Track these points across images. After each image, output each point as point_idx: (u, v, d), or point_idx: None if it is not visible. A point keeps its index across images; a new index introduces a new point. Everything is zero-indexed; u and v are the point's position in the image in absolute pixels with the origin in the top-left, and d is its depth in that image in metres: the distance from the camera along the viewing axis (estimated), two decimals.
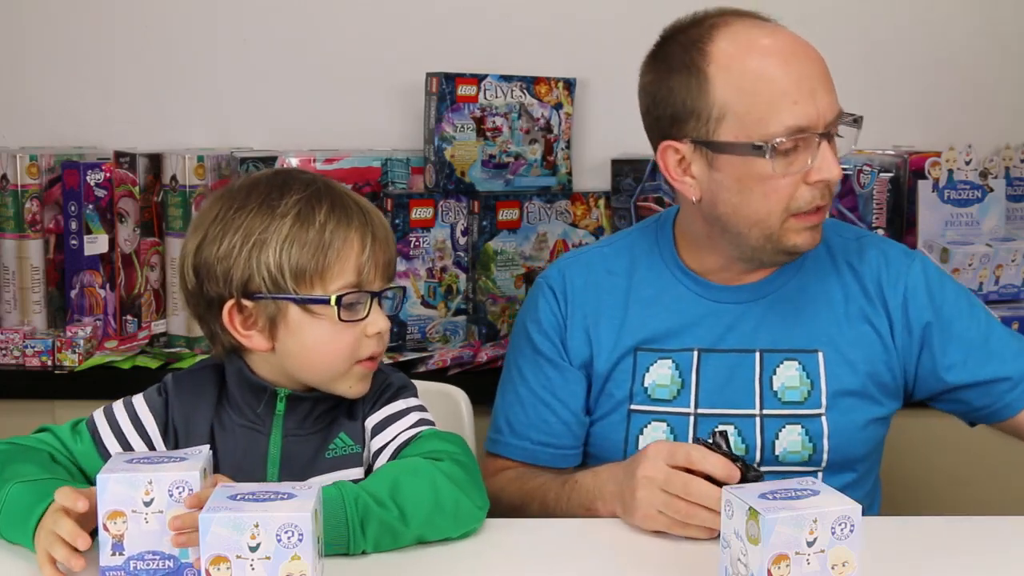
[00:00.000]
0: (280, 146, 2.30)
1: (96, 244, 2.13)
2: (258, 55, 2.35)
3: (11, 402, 2.06)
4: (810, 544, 1.10)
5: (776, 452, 1.52)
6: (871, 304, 1.56)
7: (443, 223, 2.19)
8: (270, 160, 2.17)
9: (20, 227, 2.16)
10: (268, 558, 1.09)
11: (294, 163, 2.17)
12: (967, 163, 2.25)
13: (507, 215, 2.21)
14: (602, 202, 2.29)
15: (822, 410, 1.52)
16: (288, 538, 1.09)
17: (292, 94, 2.35)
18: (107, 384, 2.00)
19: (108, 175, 2.13)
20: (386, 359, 1.95)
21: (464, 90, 2.19)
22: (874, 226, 2.22)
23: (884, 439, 1.61)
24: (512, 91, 2.23)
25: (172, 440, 1.39)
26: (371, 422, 1.40)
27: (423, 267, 2.18)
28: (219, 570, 1.09)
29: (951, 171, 2.24)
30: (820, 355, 1.53)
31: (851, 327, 1.55)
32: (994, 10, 2.41)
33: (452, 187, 2.20)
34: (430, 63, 2.24)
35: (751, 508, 1.10)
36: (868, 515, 1.24)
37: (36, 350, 2.08)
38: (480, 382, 2.03)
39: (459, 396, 1.79)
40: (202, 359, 1.49)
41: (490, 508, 1.37)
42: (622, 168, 2.29)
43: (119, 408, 1.40)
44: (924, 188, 2.24)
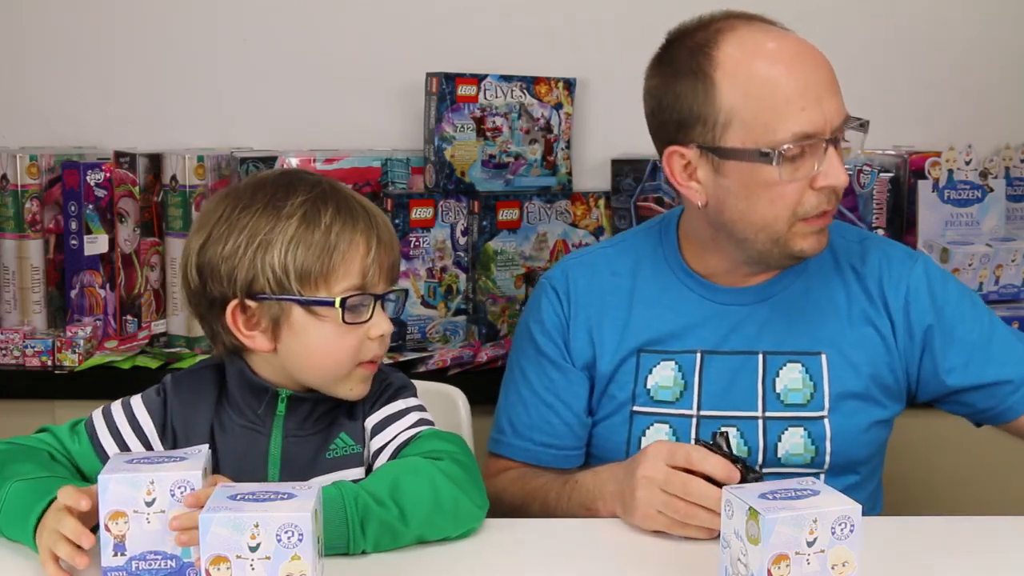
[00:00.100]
0: (280, 146, 2.30)
1: (96, 244, 2.13)
2: (258, 55, 2.35)
3: (11, 402, 2.05)
4: (810, 544, 1.10)
5: (779, 454, 1.52)
6: (873, 306, 1.56)
7: (443, 223, 2.19)
8: (270, 160, 2.17)
9: (20, 227, 2.16)
10: (268, 558, 1.09)
11: (294, 163, 2.17)
12: (967, 163, 2.25)
13: (507, 215, 2.21)
14: (602, 202, 2.29)
15: (825, 412, 1.52)
16: (288, 538, 1.09)
17: (292, 94, 2.35)
18: (107, 384, 2.00)
19: (108, 175, 2.12)
20: (386, 359, 1.94)
21: (464, 90, 2.19)
22: (874, 226, 2.22)
23: (887, 441, 1.61)
24: (512, 91, 2.23)
25: (171, 441, 1.39)
26: (371, 422, 1.40)
27: (423, 267, 2.18)
28: (219, 570, 1.09)
29: (951, 171, 2.24)
30: (823, 357, 1.53)
31: (854, 330, 1.55)
32: (994, 10, 2.41)
33: (452, 187, 2.20)
34: (430, 63, 2.24)
35: (751, 508, 1.10)
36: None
37: (36, 350, 2.08)
38: (480, 382, 2.04)
39: (457, 396, 1.79)
40: (201, 359, 1.49)
41: (491, 508, 1.37)
42: (622, 168, 2.28)
43: (117, 409, 1.40)
44: (924, 188, 2.24)
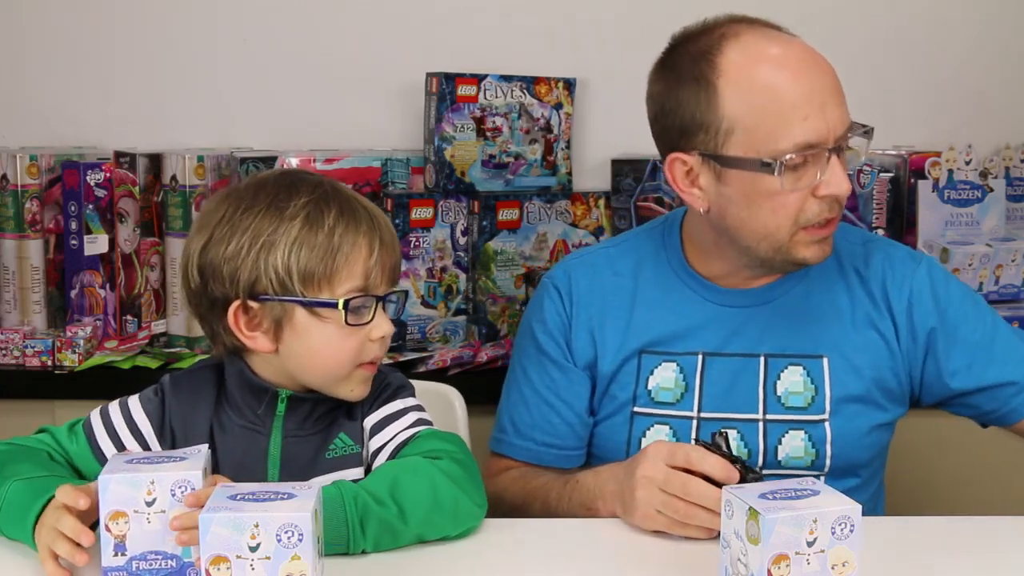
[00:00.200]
0: (280, 146, 2.30)
1: (96, 244, 2.13)
2: (258, 55, 2.34)
3: (11, 402, 2.05)
4: (810, 544, 1.10)
5: (779, 457, 1.52)
6: (877, 309, 1.55)
7: (443, 223, 2.19)
8: (270, 160, 2.17)
9: (20, 227, 2.16)
10: (268, 558, 1.09)
11: (294, 163, 2.17)
12: (967, 163, 2.25)
13: (507, 215, 2.21)
14: (602, 202, 2.29)
15: (825, 416, 1.52)
16: (288, 538, 1.09)
17: (292, 94, 2.35)
18: (107, 384, 1.99)
19: (108, 175, 2.12)
20: (386, 359, 1.94)
21: (464, 90, 2.19)
22: (874, 226, 2.22)
23: (889, 444, 1.60)
24: (512, 91, 2.23)
25: (169, 441, 1.39)
26: (369, 422, 1.40)
27: (423, 267, 2.18)
28: (219, 570, 1.09)
29: (951, 171, 2.24)
30: (825, 361, 1.53)
31: (857, 333, 1.54)
32: (994, 10, 2.41)
33: (452, 187, 2.20)
34: (430, 63, 2.23)
35: (751, 508, 1.10)
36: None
37: (36, 350, 2.08)
38: (480, 382, 2.04)
39: (454, 396, 1.79)
40: (200, 360, 1.49)
41: (493, 508, 1.37)
42: (622, 168, 2.28)
43: (114, 409, 1.40)
44: (924, 188, 2.24)
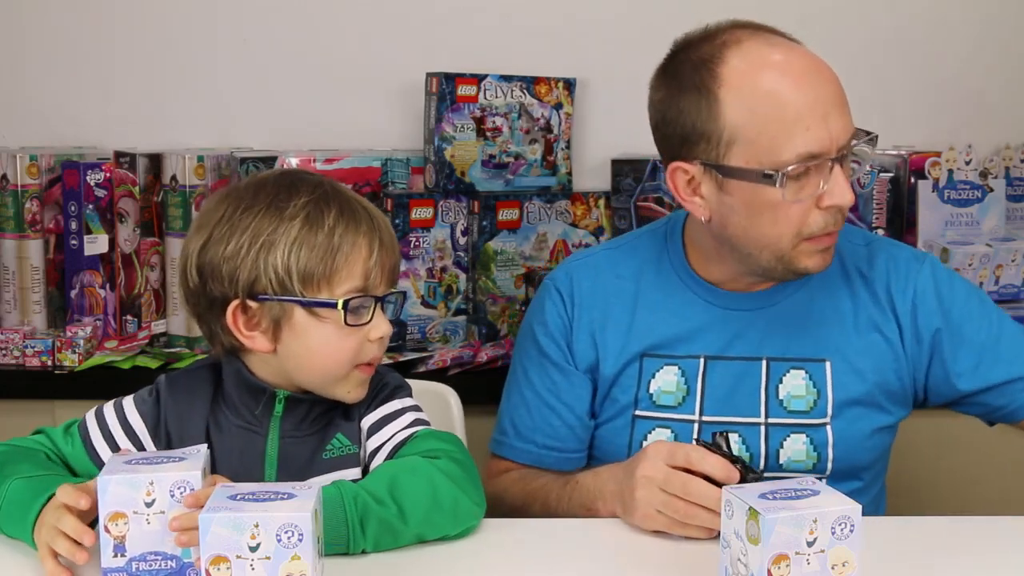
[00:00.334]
0: (280, 146, 2.30)
1: (96, 244, 2.13)
2: (258, 55, 2.34)
3: (11, 402, 2.05)
4: (810, 544, 1.10)
5: (780, 461, 1.52)
6: (881, 311, 1.54)
7: (443, 223, 2.19)
8: (270, 160, 2.17)
9: (20, 227, 2.16)
10: (268, 558, 1.09)
11: (294, 163, 2.17)
12: (967, 163, 2.25)
13: (507, 215, 2.21)
14: (602, 202, 2.29)
15: (827, 419, 1.51)
16: (288, 538, 1.09)
17: (292, 94, 2.35)
18: (107, 384, 1.99)
19: (108, 175, 2.12)
20: (386, 359, 1.95)
21: (464, 90, 2.19)
22: (874, 226, 2.22)
23: (891, 446, 1.60)
24: (512, 91, 2.23)
25: (164, 441, 1.39)
26: (367, 422, 1.40)
27: (423, 267, 2.18)
28: (219, 570, 1.09)
29: (951, 171, 2.24)
30: (827, 364, 1.52)
31: (860, 336, 1.53)
32: (994, 10, 2.41)
33: (452, 187, 2.20)
34: (430, 63, 2.24)
35: (751, 508, 1.10)
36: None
37: (36, 350, 2.08)
38: (479, 382, 2.04)
39: (450, 395, 1.79)
40: (197, 360, 1.48)
41: (492, 509, 1.37)
42: (622, 168, 2.28)
43: (109, 411, 1.40)
44: (924, 188, 2.24)
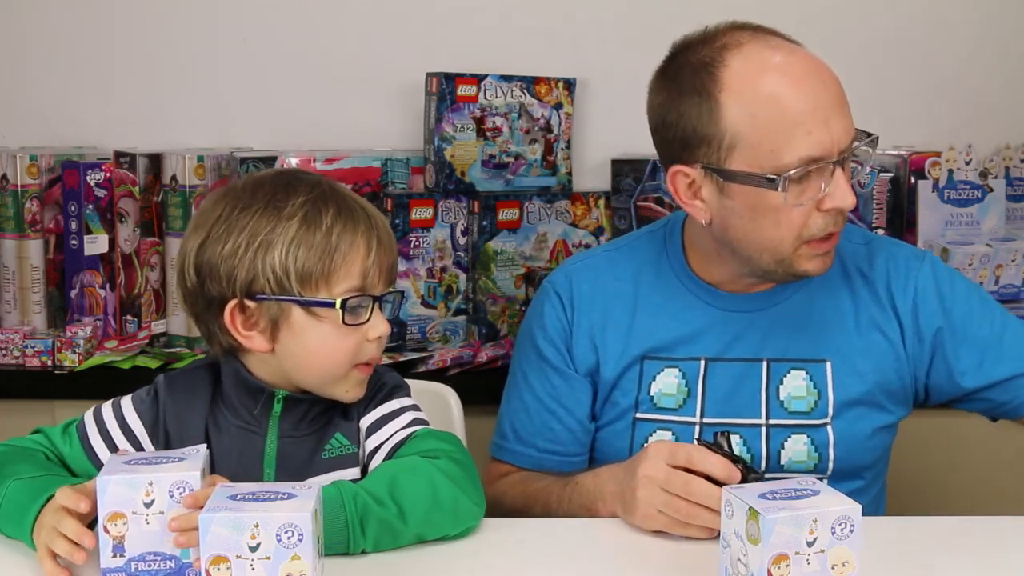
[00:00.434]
0: (280, 146, 2.30)
1: (96, 244, 2.13)
2: (258, 55, 2.34)
3: (11, 402, 2.05)
4: (810, 544, 1.10)
5: (782, 462, 1.51)
6: (882, 310, 1.54)
7: (443, 223, 2.19)
8: (270, 160, 2.17)
9: (20, 227, 2.16)
10: (268, 558, 1.09)
11: (294, 163, 2.17)
12: (967, 163, 2.25)
13: (507, 215, 2.21)
14: (602, 202, 2.29)
15: (828, 420, 1.51)
16: (288, 538, 1.09)
17: (292, 94, 2.35)
18: (107, 384, 1.99)
19: (108, 175, 2.12)
20: (386, 359, 1.95)
21: (464, 90, 2.19)
22: (874, 226, 2.22)
23: (891, 445, 1.60)
24: (512, 91, 2.23)
25: (162, 441, 1.38)
26: (366, 422, 1.40)
27: (423, 267, 2.18)
28: (219, 570, 1.09)
29: (951, 171, 2.24)
30: (828, 365, 1.52)
31: (861, 336, 1.53)
32: (994, 10, 2.40)
33: (452, 187, 2.20)
34: (430, 63, 2.24)
35: (751, 508, 1.10)
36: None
37: (36, 350, 2.08)
38: (479, 382, 2.04)
39: (449, 395, 1.78)
40: (197, 356, 1.48)
41: (492, 512, 1.37)
42: (622, 168, 2.28)
43: (107, 411, 1.40)
44: (924, 188, 2.24)
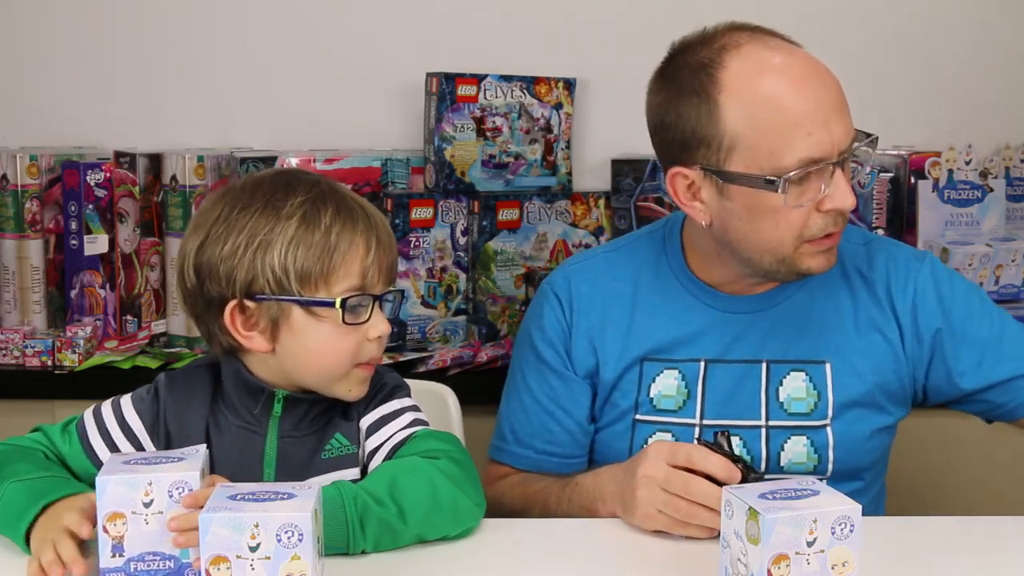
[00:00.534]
0: (280, 146, 2.30)
1: (96, 244, 2.13)
2: (258, 55, 2.34)
3: (11, 402, 2.05)
4: (810, 544, 1.10)
5: (781, 463, 1.51)
6: (881, 311, 1.54)
7: (443, 223, 2.19)
8: (270, 160, 2.17)
9: (20, 227, 2.16)
10: (268, 558, 1.09)
11: (294, 163, 2.17)
12: (967, 163, 2.25)
13: (507, 215, 2.21)
14: (602, 202, 2.29)
15: (828, 421, 1.51)
16: (288, 538, 1.09)
17: (292, 94, 2.35)
18: (107, 384, 1.99)
19: (108, 175, 2.12)
20: (386, 359, 1.94)
21: (464, 90, 2.19)
22: (874, 226, 2.22)
23: (890, 446, 1.59)
24: (512, 91, 2.23)
25: (163, 441, 1.38)
26: (366, 422, 1.40)
27: (423, 267, 2.18)
28: (219, 570, 1.09)
29: (951, 171, 2.24)
30: (827, 366, 1.52)
31: (860, 337, 1.53)
32: (994, 10, 2.40)
33: (452, 187, 2.20)
34: (430, 63, 2.24)
35: (751, 508, 1.10)
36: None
37: (36, 350, 2.08)
38: (479, 382, 2.04)
39: (447, 395, 1.78)
40: (197, 357, 1.48)
41: (492, 513, 1.37)
42: (622, 168, 2.28)
43: (107, 410, 1.40)
44: (924, 188, 2.24)
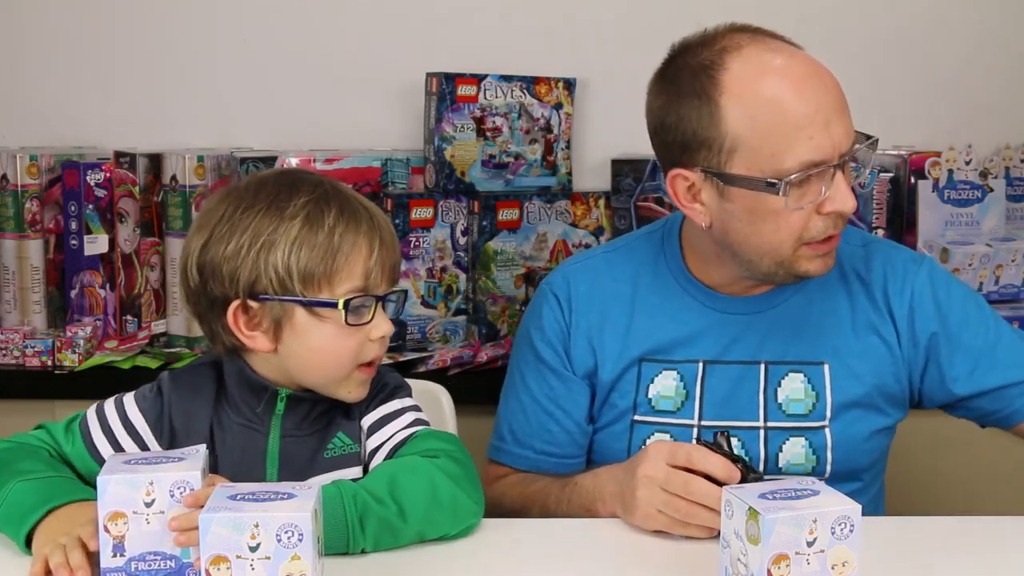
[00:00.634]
0: (280, 146, 2.30)
1: (96, 244, 2.13)
2: (258, 55, 2.34)
3: (11, 402, 2.05)
4: (810, 544, 1.10)
5: (780, 464, 1.51)
6: (879, 313, 1.54)
7: (443, 223, 2.19)
8: (270, 160, 2.17)
9: (20, 227, 2.16)
10: (268, 558, 1.09)
11: (294, 163, 2.17)
12: (967, 163, 2.25)
13: (507, 215, 2.21)
14: (602, 202, 2.29)
15: (826, 422, 1.51)
16: (288, 538, 1.09)
17: (292, 94, 2.35)
18: (107, 384, 1.98)
19: (108, 175, 2.12)
20: (386, 359, 1.94)
21: (464, 90, 2.19)
22: (874, 226, 2.22)
23: (889, 447, 1.59)
24: (512, 91, 2.23)
25: (168, 439, 1.39)
26: (367, 421, 1.40)
27: (423, 267, 2.18)
28: (219, 570, 1.09)
29: (951, 171, 2.24)
30: (826, 367, 1.52)
31: (858, 339, 1.53)
32: (994, 10, 2.40)
33: (452, 187, 2.20)
34: (430, 63, 2.23)
35: (751, 508, 1.10)
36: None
37: (36, 350, 2.08)
38: (479, 382, 2.04)
39: (441, 393, 1.78)
40: (198, 356, 1.48)
41: (491, 513, 1.37)
42: (622, 168, 2.28)
43: (110, 409, 1.40)
44: (924, 188, 2.23)
